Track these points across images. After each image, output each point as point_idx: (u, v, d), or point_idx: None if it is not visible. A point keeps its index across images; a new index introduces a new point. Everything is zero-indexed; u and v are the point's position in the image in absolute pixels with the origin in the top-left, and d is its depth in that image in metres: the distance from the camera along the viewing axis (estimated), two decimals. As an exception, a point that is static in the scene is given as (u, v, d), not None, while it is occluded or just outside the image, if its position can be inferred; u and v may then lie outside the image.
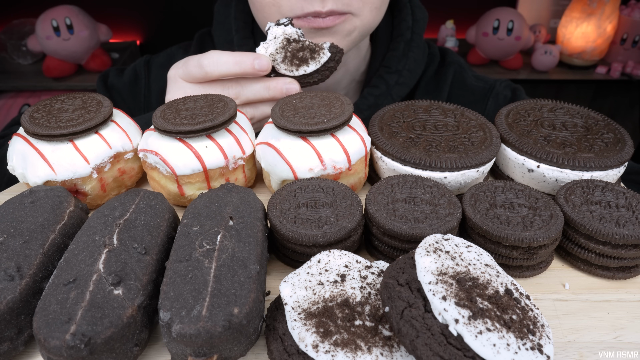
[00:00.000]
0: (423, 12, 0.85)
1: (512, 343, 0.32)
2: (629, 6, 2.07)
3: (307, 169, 0.53)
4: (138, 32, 2.32)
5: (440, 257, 0.37)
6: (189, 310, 0.34)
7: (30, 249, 0.41)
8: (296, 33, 0.64)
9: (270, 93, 0.63)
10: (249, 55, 0.61)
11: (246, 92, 0.63)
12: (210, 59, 0.61)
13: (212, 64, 0.61)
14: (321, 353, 0.34)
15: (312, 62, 0.63)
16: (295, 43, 0.63)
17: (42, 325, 0.34)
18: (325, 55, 0.63)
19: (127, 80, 0.89)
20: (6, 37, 2.06)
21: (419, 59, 0.84)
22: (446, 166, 0.54)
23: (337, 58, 0.64)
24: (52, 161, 0.52)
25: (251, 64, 0.60)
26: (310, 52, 0.63)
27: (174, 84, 0.65)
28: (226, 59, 0.60)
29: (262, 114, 0.65)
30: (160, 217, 0.46)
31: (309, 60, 0.63)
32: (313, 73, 0.64)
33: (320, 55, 0.63)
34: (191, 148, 0.53)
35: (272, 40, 0.64)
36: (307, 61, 0.63)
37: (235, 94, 0.63)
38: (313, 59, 0.63)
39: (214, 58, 0.61)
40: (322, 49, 0.64)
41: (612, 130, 0.60)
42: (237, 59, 0.60)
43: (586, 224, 0.47)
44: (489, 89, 0.87)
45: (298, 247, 0.46)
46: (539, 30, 2.18)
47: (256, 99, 0.64)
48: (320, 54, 0.63)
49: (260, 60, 0.60)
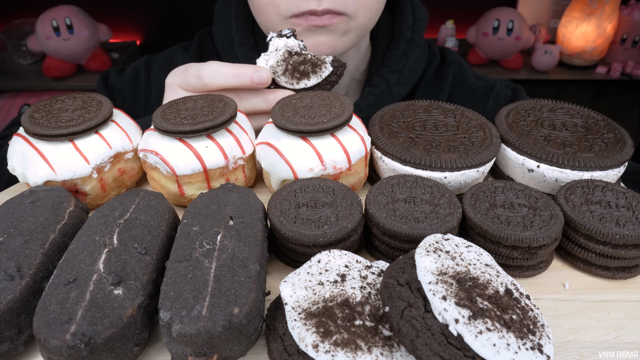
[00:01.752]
0: (423, 12, 0.85)
1: (512, 343, 0.32)
2: (629, 6, 2.07)
3: (307, 169, 0.53)
4: (138, 32, 2.32)
5: (441, 257, 0.37)
6: (189, 310, 0.34)
7: (30, 248, 0.41)
8: (298, 46, 0.63)
9: (268, 106, 0.62)
10: (248, 67, 0.60)
11: (244, 103, 0.63)
12: (209, 70, 0.60)
13: (210, 75, 0.60)
14: (321, 353, 0.34)
15: (313, 76, 0.63)
16: (297, 56, 0.63)
17: (42, 325, 0.34)
18: (327, 69, 0.63)
19: (127, 80, 0.89)
20: (6, 37, 2.06)
21: (420, 59, 0.84)
22: (446, 166, 0.54)
23: (339, 72, 0.64)
24: (52, 161, 0.52)
25: (250, 76, 0.60)
26: (312, 65, 0.63)
27: (171, 91, 0.65)
28: (225, 70, 0.60)
29: (259, 125, 0.64)
30: (161, 217, 0.46)
31: (310, 74, 0.63)
32: (314, 87, 0.63)
33: (322, 70, 0.63)
34: (191, 148, 0.53)
35: (273, 52, 0.63)
36: (309, 75, 0.63)
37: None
38: (314, 72, 0.63)
39: (212, 69, 0.60)
40: (324, 63, 0.63)
41: (612, 130, 0.60)
42: (237, 72, 0.60)
43: (586, 224, 0.47)
44: (490, 88, 0.87)
45: (298, 247, 0.46)
46: (539, 30, 2.18)
47: (254, 110, 0.64)
48: (322, 68, 0.63)
49: (259, 73, 0.60)
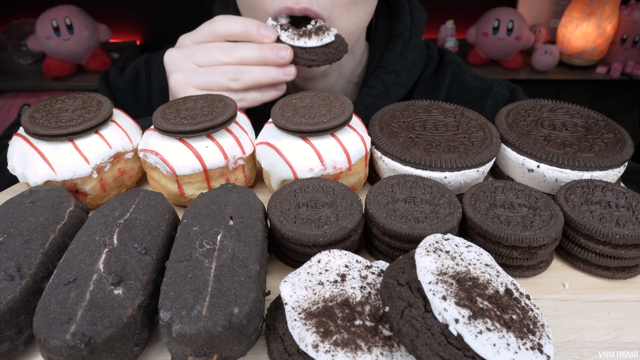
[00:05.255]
0: (422, 13, 0.85)
1: (512, 343, 0.32)
2: (629, 6, 2.07)
3: (307, 169, 0.53)
4: (138, 32, 2.32)
5: (440, 257, 0.37)
6: (189, 310, 0.34)
7: (30, 248, 0.41)
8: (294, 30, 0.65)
9: (261, 53, 0.63)
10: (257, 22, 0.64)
11: (240, 49, 0.63)
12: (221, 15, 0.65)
13: (222, 18, 0.64)
14: (321, 353, 0.34)
15: (314, 37, 0.63)
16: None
17: (42, 325, 0.34)
18: (329, 37, 0.64)
19: (128, 78, 0.89)
20: (6, 37, 2.06)
21: (417, 60, 0.83)
22: (446, 166, 0.54)
23: (338, 48, 0.64)
24: (52, 161, 0.52)
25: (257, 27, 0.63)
26: (316, 29, 0.64)
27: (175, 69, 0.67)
28: (236, 17, 0.64)
29: (250, 77, 0.64)
30: (160, 217, 0.46)
31: (313, 34, 0.63)
32: (310, 49, 0.64)
33: (325, 35, 0.63)
34: (191, 148, 0.53)
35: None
36: (311, 35, 0.63)
37: (228, 51, 0.63)
38: (317, 35, 0.63)
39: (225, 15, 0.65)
40: (328, 30, 0.64)
41: (612, 130, 0.60)
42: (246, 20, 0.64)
43: (586, 223, 0.47)
44: (488, 89, 0.87)
45: (298, 247, 0.46)
46: (539, 30, 2.18)
47: (248, 57, 0.64)
48: (326, 34, 0.64)
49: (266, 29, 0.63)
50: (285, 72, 0.64)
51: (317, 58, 0.64)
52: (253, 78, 0.64)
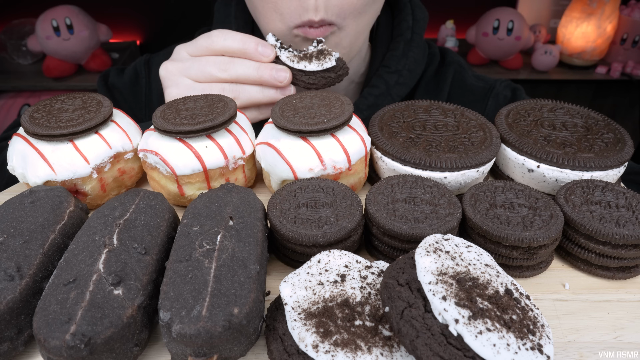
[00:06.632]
0: (423, 12, 0.85)
1: (512, 343, 0.32)
2: (629, 6, 2.07)
3: (307, 169, 0.53)
4: (138, 32, 2.32)
5: (440, 257, 0.37)
6: (189, 310, 0.34)
7: (30, 249, 0.41)
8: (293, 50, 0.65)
9: (258, 73, 0.62)
10: (255, 38, 0.63)
11: (236, 67, 0.63)
12: (218, 30, 0.63)
13: (219, 33, 0.63)
14: (321, 353, 0.34)
15: (314, 62, 0.63)
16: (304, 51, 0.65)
17: (42, 325, 0.34)
18: (330, 62, 0.63)
19: (127, 79, 0.89)
20: (6, 37, 2.06)
21: (419, 59, 0.84)
22: (446, 166, 0.54)
23: (340, 72, 0.64)
24: (52, 161, 0.52)
25: (255, 44, 0.62)
26: (317, 53, 0.63)
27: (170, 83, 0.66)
28: (234, 33, 0.63)
29: (248, 96, 0.64)
30: (160, 217, 0.46)
31: (313, 59, 0.63)
32: (310, 73, 0.63)
33: (326, 60, 0.63)
34: (191, 148, 0.53)
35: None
36: (311, 59, 0.63)
37: (224, 67, 0.63)
38: (318, 59, 0.63)
39: (222, 30, 0.63)
40: (330, 55, 0.63)
41: (612, 130, 0.60)
42: (244, 37, 0.62)
43: (586, 224, 0.47)
44: (489, 88, 0.87)
45: (298, 247, 0.46)
46: (539, 30, 2.18)
47: (244, 76, 0.63)
48: (327, 58, 0.63)
49: (265, 46, 0.62)
50: (283, 92, 0.64)
51: (316, 82, 0.64)
52: (251, 97, 0.64)
